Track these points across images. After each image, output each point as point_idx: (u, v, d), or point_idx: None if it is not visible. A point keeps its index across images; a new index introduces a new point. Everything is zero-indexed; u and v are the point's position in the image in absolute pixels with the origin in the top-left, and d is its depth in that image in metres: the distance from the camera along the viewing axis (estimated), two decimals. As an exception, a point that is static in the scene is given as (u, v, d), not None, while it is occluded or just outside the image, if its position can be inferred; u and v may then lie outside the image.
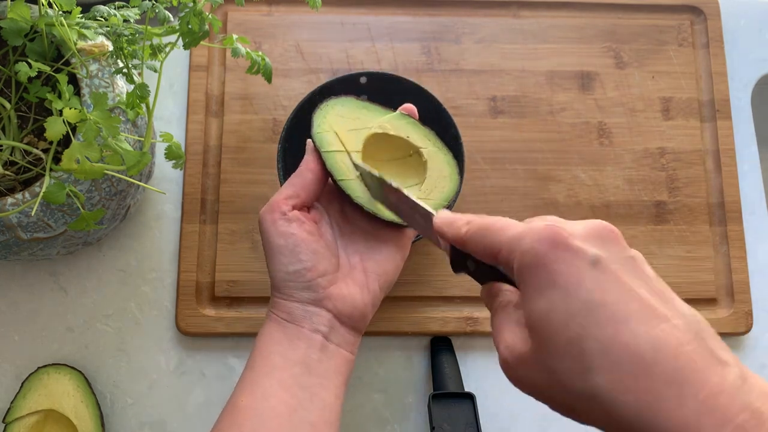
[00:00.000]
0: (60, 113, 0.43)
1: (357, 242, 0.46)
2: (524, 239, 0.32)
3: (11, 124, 0.48)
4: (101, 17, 0.48)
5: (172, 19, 0.49)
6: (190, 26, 0.46)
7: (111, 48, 0.49)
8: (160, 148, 0.59)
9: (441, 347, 0.57)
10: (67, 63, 0.48)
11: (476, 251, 0.36)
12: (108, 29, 0.48)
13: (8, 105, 0.48)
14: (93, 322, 0.57)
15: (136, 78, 0.49)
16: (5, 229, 0.46)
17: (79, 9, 0.47)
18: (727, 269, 0.60)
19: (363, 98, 0.48)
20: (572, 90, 0.64)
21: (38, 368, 0.54)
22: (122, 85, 0.50)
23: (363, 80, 0.57)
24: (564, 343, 0.30)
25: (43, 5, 0.45)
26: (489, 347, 0.59)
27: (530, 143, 0.62)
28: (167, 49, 0.50)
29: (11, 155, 0.48)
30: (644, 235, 0.61)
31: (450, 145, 0.49)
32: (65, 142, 0.48)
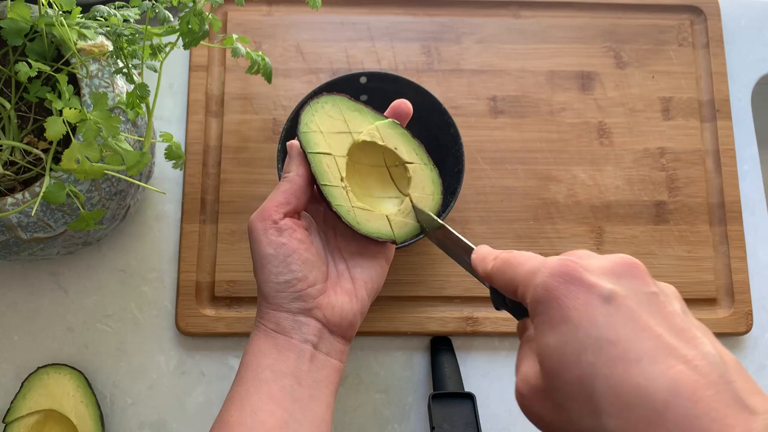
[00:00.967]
0: (60, 113, 0.43)
1: (342, 248, 0.45)
2: (538, 274, 0.32)
3: (11, 124, 0.48)
4: (101, 17, 0.48)
5: (172, 19, 0.49)
6: (190, 26, 0.46)
7: (111, 48, 0.49)
8: (160, 148, 0.59)
9: (441, 347, 0.57)
10: (67, 63, 0.48)
11: (500, 286, 0.36)
12: (108, 29, 0.48)
13: (8, 105, 0.48)
14: (93, 322, 0.57)
15: (136, 78, 0.49)
16: (5, 229, 0.46)
17: (79, 9, 0.47)
18: (727, 269, 0.60)
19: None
20: (572, 90, 0.64)
21: (38, 368, 0.54)
22: (122, 85, 0.50)
23: (363, 80, 0.57)
24: (574, 381, 0.29)
25: (43, 5, 0.45)
26: (489, 347, 0.59)
27: (530, 143, 0.62)
28: (167, 49, 0.50)
29: (11, 155, 0.48)
30: (644, 235, 0.61)
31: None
32: (65, 142, 0.48)
